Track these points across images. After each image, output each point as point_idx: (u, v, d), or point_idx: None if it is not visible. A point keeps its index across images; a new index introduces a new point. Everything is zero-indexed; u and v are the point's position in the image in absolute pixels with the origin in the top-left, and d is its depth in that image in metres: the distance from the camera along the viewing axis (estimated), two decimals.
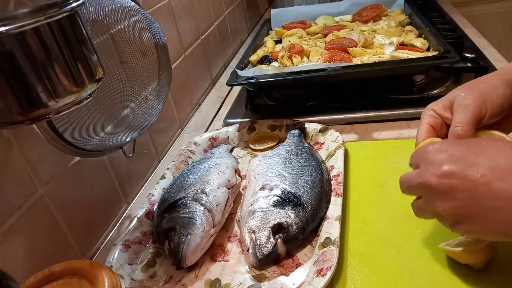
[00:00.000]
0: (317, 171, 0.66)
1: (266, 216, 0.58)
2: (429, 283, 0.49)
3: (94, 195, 0.64)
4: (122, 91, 0.62)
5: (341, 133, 0.77)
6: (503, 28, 1.93)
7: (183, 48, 0.99)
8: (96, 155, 0.58)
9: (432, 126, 0.50)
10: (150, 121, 0.66)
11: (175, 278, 0.58)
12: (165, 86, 0.68)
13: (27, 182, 0.51)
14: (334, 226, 0.56)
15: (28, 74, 0.38)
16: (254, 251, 0.55)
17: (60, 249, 0.56)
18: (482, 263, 0.48)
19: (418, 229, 0.57)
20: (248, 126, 0.88)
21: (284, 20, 1.34)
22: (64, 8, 0.39)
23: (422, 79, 0.95)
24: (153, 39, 0.66)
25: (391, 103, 0.87)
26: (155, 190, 0.71)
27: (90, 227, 0.63)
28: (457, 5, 1.47)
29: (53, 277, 0.45)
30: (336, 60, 0.95)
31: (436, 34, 0.96)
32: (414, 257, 0.53)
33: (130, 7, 0.62)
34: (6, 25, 0.35)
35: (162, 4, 0.88)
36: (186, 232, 0.57)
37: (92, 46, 0.44)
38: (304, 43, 1.10)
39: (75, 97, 0.42)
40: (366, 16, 1.24)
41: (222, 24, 1.29)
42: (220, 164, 0.71)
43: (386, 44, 1.00)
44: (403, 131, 0.81)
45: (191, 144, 0.84)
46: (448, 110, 0.50)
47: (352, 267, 0.53)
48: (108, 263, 0.57)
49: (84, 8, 0.53)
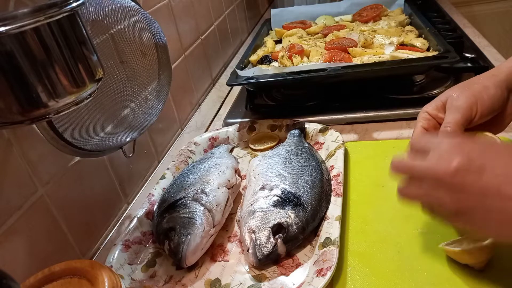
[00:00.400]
0: (317, 171, 0.66)
1: (266, 216, 0.58)
2: (429, 283, 0.49)
3: (94, 195, 0.64)
4: (122, 91, 0.62)
5: (341, 133, 0.77)
6: (503, 28, 1.93)
7: (183, 48, 0.99)
8: (96, 155, 0.58)
9: (425, 128, 0.52)
10: (150, 121, 0.66)
11: (175, 278, 0.58)
12: (165, 86, 0.68)
13: (27, 182, 0.51)
14: (334, 226, 0.56)
15: (28, 74, 0.38)
16: (254, 251, 0.55)
17: (60, 249, 0.56)
18: (482, 263, 0.48)
19: (418, 229, 0.57)
20: (248, 126, 0.88)
21: (284, 20, 1.34)
22: (64, 8, 0.39)
23: (422, 79, 0.95)
24: (153, 39, 0.66)
25: (391, 103, 0.87)
26: (155, 190, 0.71)
27: (90, 227, 0.63)
28: (457, 5, 1.47)
29: (53, 277, 0.45)
30: (336, 60, 0.95)
31: (436, 34, 0.96)
32: (414, 257, 0.53)
33: (130, 7, 0.62)
34: (6, 25, 0.35)
35: (162, 4, 0.88)
36: (186, 232, 0.57)
37: (92, 46, 0.44)
38: (304, 43, 1.10)
39: (75, 97, 0.42)
40: (366, 16, 1.24)
41: (222, 24, 1.29)
42: (220, 164, 0.71)
43: (386, 44, 1.00)
44: (403, 131, 0.81)
45: (191, 144, 0.84)
46: (441, 110, 0.52)
47: (352, 267, 0.53)
48: (108, 263, 0.57)
49: (84, 8, 0.53)
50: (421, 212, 0.56)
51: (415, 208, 0.60)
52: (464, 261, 0.49)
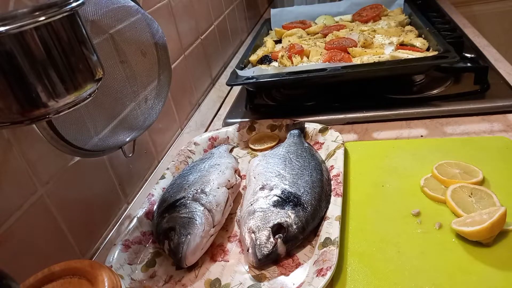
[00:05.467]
0: (317, 171, 0.66)
1: (266, 216, 0.58)
2: (429, 283, 0.49)
3: (94, 195, 0.64)
4: (122, 91, 0.62)
5: (341, 133, 0.77)
6: (503, 28, 1.93)
7: (183, 48, 0.99)
8: (96, 155, 0.58)
9: None
10: (150, 121, 0.66)
11: (175, 278, 0.58)
12: (165, 86, 0.68)
13: (26, 182, 0.51)
14: (334, 226, 0.56)
15: (28, 74, 0.38)
16: (254, 251, 0.55)
17: (60, 249, 0.56)
18: (490, 239, 0.52)
19: (418, 229, 0.57)
20: (248, 126, 0.88)
21: (284, 20, 1.34)
22: (64, 8, 0.39)
23: (422, 79, 0.95)
24: (153, 39, 0.66)
25: (391, 103, 0.87)
26: (155, 190, 0.71)
27: (90, 227, 0.63)
28: (457, 5, 1.47)
29: (53, 277, 0.45)
30: (336, 60, 0.95)
31: (436, 34, 0.96)
32: (414, 257, 0.53)
33: (130, 7, 0.62)
34: (6, 25, 0.35)
35: (162, 4, 0.88)
36: (186, 232, 0.57)
37: (92, 46, 0.44)
38: (304, 43, 1.10)
39: (75, 97, 0.42)
40: (366, 16, 1.24)
41: (222, 24, 1.29)
42: (220, 164, 0.71)
43: (386, 44, 1.00)
44: (403, 131, 0.81)
45: (191, 144, 0.84)
46: None
47: (352, 267, 0.53)
48: (108, 263, 0.57)
49: (84, 8, 0.53)
50: (421, 212, 0.56)
51: (415, 208, 0.60)
52: (474, 238, 0.53)
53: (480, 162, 0.66)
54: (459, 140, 0.74)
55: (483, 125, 0.78)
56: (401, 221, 0.59)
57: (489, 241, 0.52)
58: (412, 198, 0.63)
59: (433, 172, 0.65)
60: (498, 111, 0.80)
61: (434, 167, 0.66)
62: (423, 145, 0.74)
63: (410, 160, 0.71)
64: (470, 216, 0.54)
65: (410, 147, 0.74)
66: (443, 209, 0.59)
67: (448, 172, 0.64)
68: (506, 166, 0.65)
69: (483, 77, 0.87)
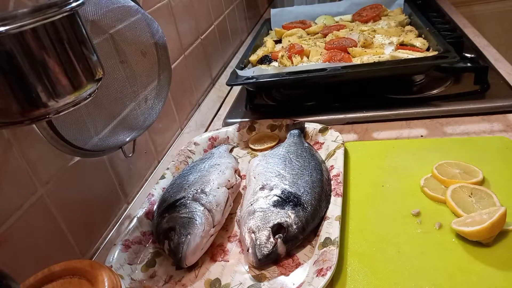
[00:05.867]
0: (317, 171, 0.66)
1: (266, 216, 0.58)
2: (429, 283, 0.49)
3: (94, 195, 0.64)
4: (122, 91, 0.62)
5: (341, 133, 0.77)
6: (503, 28, 1.93)
7: (183, 48, 0.99)
8: (96, 155, 0.58)
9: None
10: (150, 121, 0.66)
11: (175, 278, 0.58)
12: (165, 86, 0.68)
13: (27, 182, 0.51)
14: (334, 226, 0.56)
15: (28, 74, 0.38)
16: (254, 251, 0.55)
17: (60, 249, 0.56)
18: (490, 239, 0.52)
19: (418, 229, 0.57)
20: (248, 126, 0.88)
21: (284, 20, 1.34)
22: (64, 8, 0.39)
23: (422, 79, 0.95)
24: (153, 39, 0.66)
25: (391, 103, 0.87)
26: (155, 190, 0.71)
27: (90, 227, 0.63)
28: (457, 5, 1.47)
29: (53, 277, 0.45)
30: (336, 60, 0.95)
31: (436, 34, 0.96)
32: (414, 257, 0.53)
33: (130, 7, 0.62)
34: (6, 25, 0.35)
35: (162, 4, 0.88)
36: (186, 232, 0.57)
37: (92, 46, 0.44)
38: (304, 43, 1.10)
39: (75, 97, 0.41)
40: (366, 16, 1.24)
41: (222, 24, 1.29)
42: (220, 164, 0.71)
43: (386, 44, 1.00)
44: (403, 131, 0.81)
45: (191, 144, 0.84)
46: None
47: (352, 267, 0.53)
48: (108, 263, 0.57)
49: (84, 8, 0.53)
50: (421, 212, 0.56)
51: (415, 208, 0.60)
52: (474, 238, 0.53)
53: (480, 162, 0.66)
54: (459, 140, 0.74)
55: (483, 125, 0.78)
56: (401, 221, 0.59)
57: (489, 241, 0.52)
58: (412, 198, 0.63)
59: (433, 172, 0.65)
60: (498, 111, 0.80)
61: (434, 167, 0.66)
62: (423, 145, 0.74)
63: (410, 160, 0.71)
64: (470, 216, 0.54)
65: (410, 147, 0.74)
66: (443, 209, 0.59)
67: (448, 172, 0.64)
68: (506, 166, 0.65)
69: (483, 77, 0.87)
